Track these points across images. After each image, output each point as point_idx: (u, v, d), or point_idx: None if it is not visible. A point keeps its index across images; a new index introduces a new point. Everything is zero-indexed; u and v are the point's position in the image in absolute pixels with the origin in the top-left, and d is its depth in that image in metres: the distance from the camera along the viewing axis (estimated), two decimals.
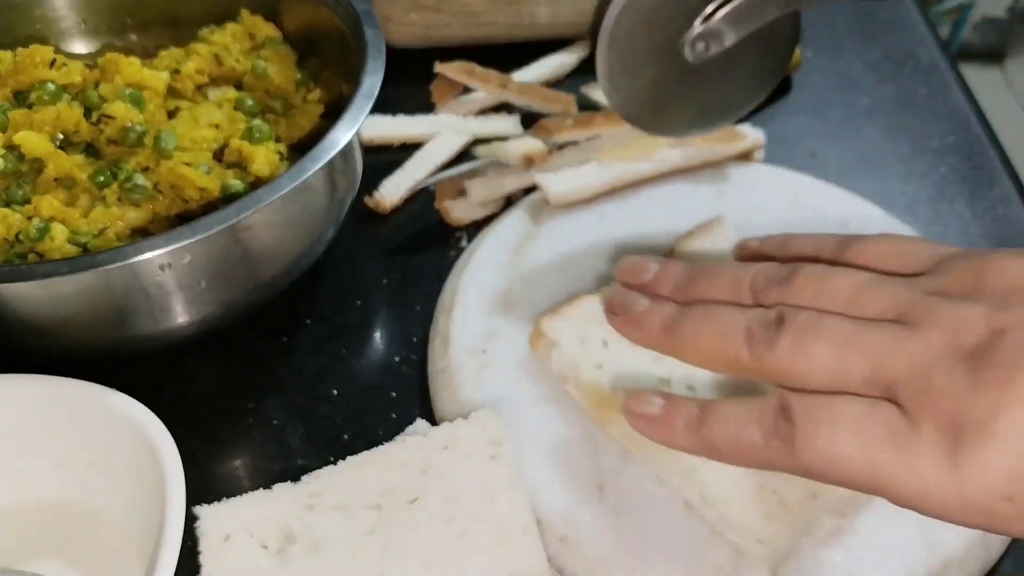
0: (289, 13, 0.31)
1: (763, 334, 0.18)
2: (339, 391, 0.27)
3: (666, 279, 0.21)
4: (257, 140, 0.27)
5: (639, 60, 0.24)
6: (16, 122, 0.27)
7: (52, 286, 0.22)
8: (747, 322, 0.18)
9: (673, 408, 0.19)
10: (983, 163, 0.35)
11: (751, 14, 0.23)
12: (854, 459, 0.15)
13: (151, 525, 0.20)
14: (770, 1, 0.23)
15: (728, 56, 0.24)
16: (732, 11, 0.23)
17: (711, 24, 0.23)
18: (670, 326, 0.20)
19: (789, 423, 0.16)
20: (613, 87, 0.24)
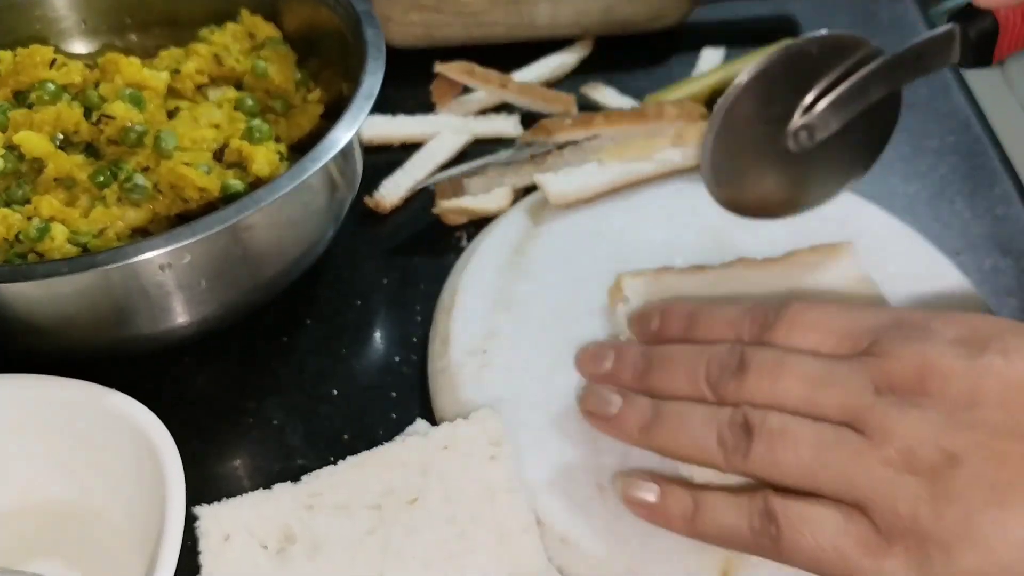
0: (289, 13, 0.31)
1: (734, 442, 0.20)
2: (339, 391, 0.27)
3: (623, 368, 0.23)
4: (257, 140, 0.27)
5: (742, 156, 0.23)
6: (16, 122, 0.27)
7: (52, 286, 0.22)
8: (717, 427, 0.20)
9: (668, 498, 0.21)
10: (983, 163, 0.35)
11: (855, 98, 0.22)
12: (834, 563, 0.18)
13: (151, 525, 0.20)
14: (873, 82, 0.22)
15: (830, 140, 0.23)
16: (836, 99, 0.22)
17: (814, 114, 0.22)
18: (646, 427, 0.21)
19: (775, 525, 0.19)
20: (717, 183, 0.24)
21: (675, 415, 0.21)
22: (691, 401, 0.21)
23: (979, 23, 0.21)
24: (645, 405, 0.22)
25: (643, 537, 0.22)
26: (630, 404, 0.22)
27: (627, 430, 0.22)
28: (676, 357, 0.22)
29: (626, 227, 0.29)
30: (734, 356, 0.21)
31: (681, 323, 0.23)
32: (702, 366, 0.21)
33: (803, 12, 0.41)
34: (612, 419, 0.22)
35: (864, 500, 0.18)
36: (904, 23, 0.41)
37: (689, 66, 0.37)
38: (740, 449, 0.20)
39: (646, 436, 0.21)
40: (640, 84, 0.36)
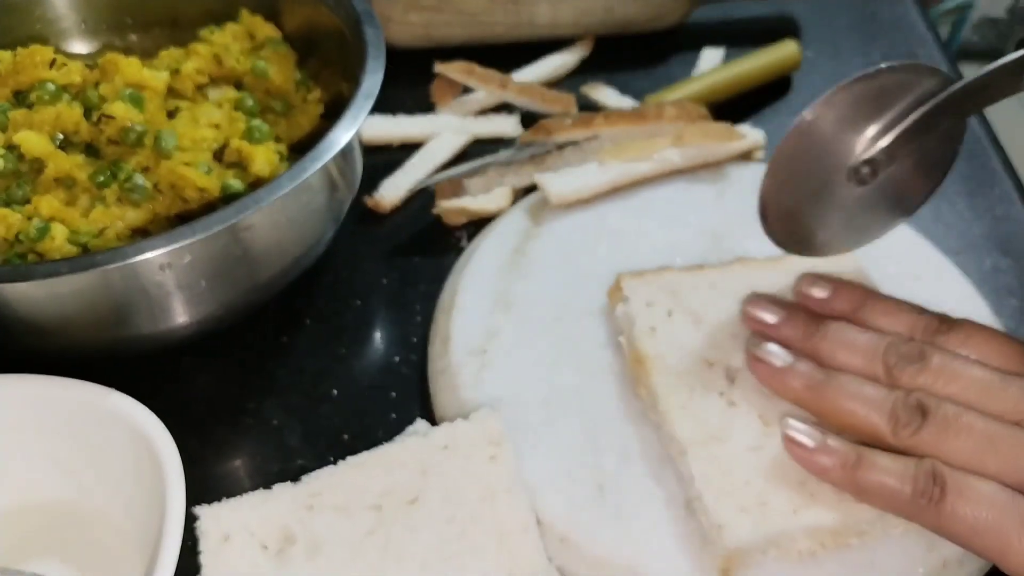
0: (289, 13, 0.31)
1: (907, 419, 0.20)
2: (339, 391, 0.27)
3: (793, 326, 0.23)
4: (257, 140, 0.27)
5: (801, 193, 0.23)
6: (16, 122, 0.27)
7: (52, 286, 0.22)
8: (892, 404, 0.21)
9: (831, 450, 0.21)
10: (984, 163, 0.34)
11: (920, 131, 0.21)
12: (990, 534, 0.19)
13: (151, 525, 0.20)
14: (938, 116, 0.21)
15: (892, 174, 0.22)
16: (902, 132, 0.21)
17: (878, 148, 0.22)
18: (814, 387, 0.22)
19: (940, 490, 0.19)
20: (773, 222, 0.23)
21: (848, 382, 0.21)
22: (860, 377, 0.21)
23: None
24: (813, 367, 0.22)
25: (643, 537, 0.22)
26: (799, 362, 0.22)
27: (792, 385, 0.22)
28: (852, 334, 0.22)
29: (626, 227, 0.29)
30: (914, 348, 0.21)
31: (853, 302, 0.23)
32: (881, 348, 0.21)
33: (803, 12, 0.41)
34: (779, 371, 0.22)
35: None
36: (905, 24, 0.41)
37: (689, 66, 0.37)
38: (912, 425, 0.20)
39: (813, 394, 0.21)
40: (640, 84, 0.36)
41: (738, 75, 0.36)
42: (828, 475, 0.21)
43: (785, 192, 0.23)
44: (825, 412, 0.22)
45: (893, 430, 0.20)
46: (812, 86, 0.38)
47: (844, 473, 0.20)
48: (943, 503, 0.19)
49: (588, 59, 0.38)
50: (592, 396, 0.25)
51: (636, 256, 0.28)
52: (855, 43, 0.40)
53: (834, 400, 0.21)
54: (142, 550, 0.21)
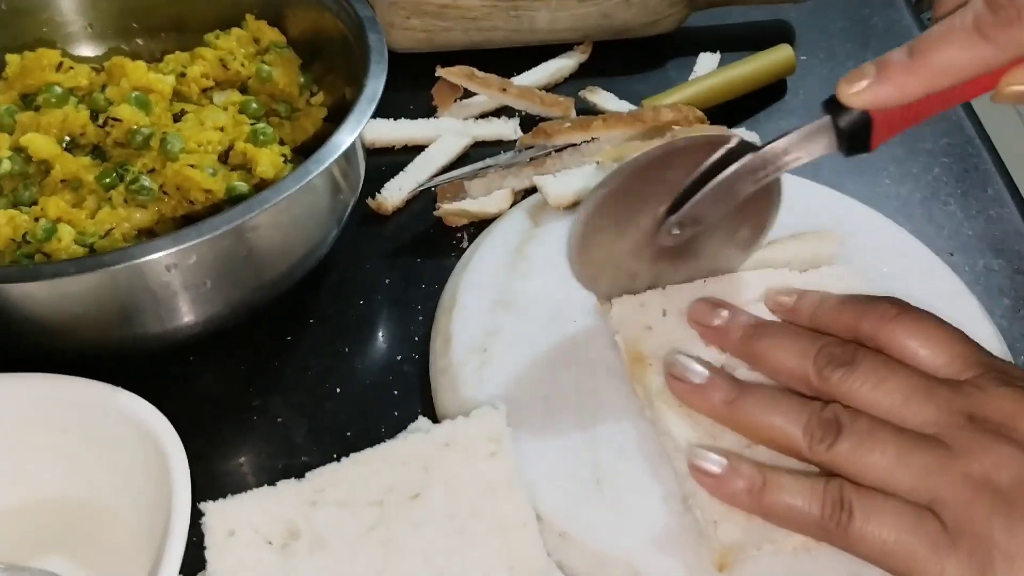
0: (293, 18, 0.31)
1: (822, 434, 0.20)
2: (342, 389, 0.27)
3: (734, 328, 0.23)
4: (262, 143, 0.28)
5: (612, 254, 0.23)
6: (23, 124, 0.27)
7: (59, 286, 0.22)
8: (807, 417, 0.20)
9: (735, 472, 0.21)
10: (976, 164, 0.35)
11: (723, 197, 0.22)
12: (898, 555, 0.19)
13: (157, 521, 0.20)
14: (742, 182, 0.21)
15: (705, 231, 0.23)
16: (702, 197, 0.22)
17: (682, 213, 0.22)
18: (731, 402, 0.21)
19: (847, 512, 0.19)
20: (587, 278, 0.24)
21: (764, 395, 0.21)
22: (778, 389, 0.22)
23: (850, 117, 0.20)
24: (731, 382, 0.22)
25: (641, 532, 0.22)
26: (718, 376, 0.22)
27: (711, 401, 0.22)
28: (790, 333, 0.22)
29: None
30: (847, 352, 0.21)
31: (813, 304, 0.23)
32: (814, 349, 0.21)
33: (797, 18, 0.42)
34: (697, 388, 0.22)
35: (938, 501, 0.19)
36: (898, 29, 0.42)
37: (686, 70, 0.38)
38: (827, 440, 0.20)
39: (730, 409, 0.21)
40: (637, 88, 0.36)
41: (734, 79, 0.36)
42: (736, 500, 0.20)
43: (595, 244, 0.23)
44: (743, 427, 0.21)
45: (809, 445, 0.20)
46: (807, 90, 0.38)
47: (751, 498, 0.20)
48: (851, 526, 0.19)
49: (586, 64, 0.38)
50: (591, 393, 0.25)
51: None
52: (849, 48, 0.41)
53: (751, 414, 0.21)
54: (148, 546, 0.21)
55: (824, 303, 0.23)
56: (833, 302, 0.23)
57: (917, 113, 0.20)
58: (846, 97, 0.20)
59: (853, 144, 0.21)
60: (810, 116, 0.33)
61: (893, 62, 0.20)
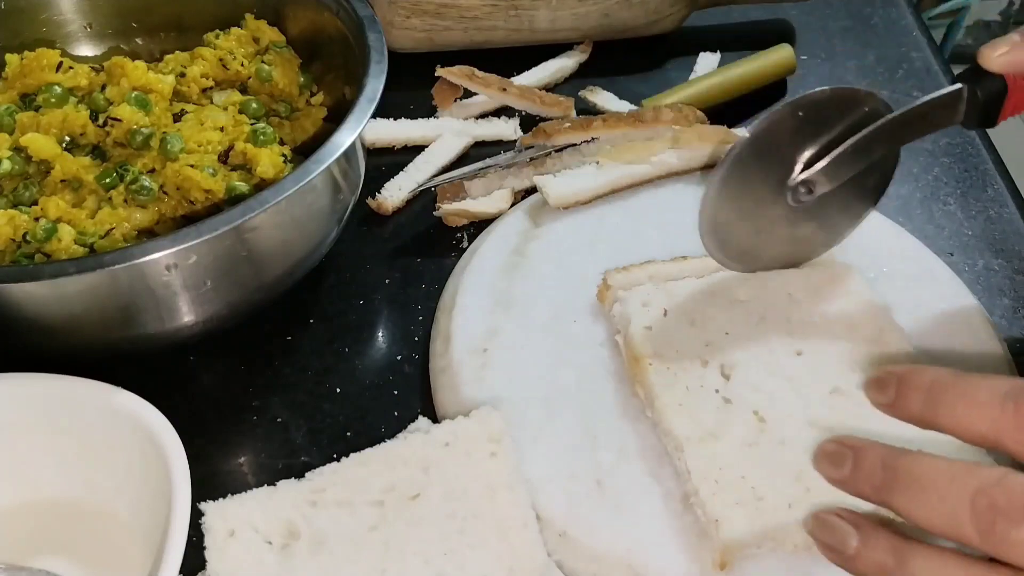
0: (293, 18, 0.31)
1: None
2: (342, 389, 0.27)
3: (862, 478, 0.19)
4: (261, 143, 0.28)
5: (742, 210, 0.23)
6: (23, 124, 0.27)
7: (59, 286, 0.22)
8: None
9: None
10: (976, 165, 0.35)
11: (857, 156, 0.22)
12: None
13: (157, 521, 0.20)
14: (875, 142, 0.21)
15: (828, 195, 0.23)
16: (838, 156, 0.22)
17: (815, 170, 0.22)
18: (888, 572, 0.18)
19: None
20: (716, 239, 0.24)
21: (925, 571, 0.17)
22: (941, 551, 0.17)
23: (988, 85, 0.21)
24: (886, 549, 0.18)
25: (640, 532, 0.22)
26: (868, 545, 0.18)
27: (864, 571, 0.18)
28: (925, 477, 0.17)
29: (624, 228, 0.30)
30: (1008, 493, 0.16)
31: (920, 397, 0.19)
32: (965, 500, 0.17)
33: (798, 17, 0.42)
34: (849, 557, 0.19)
35: None
36: (899, 28, 0.42)
37: (686, 70, 0.38)
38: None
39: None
40: (638, 88, 0.36)
41: (734, 79, 0.36)
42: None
43: (725, 207, 0.23)
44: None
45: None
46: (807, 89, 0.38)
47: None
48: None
49: (586, 63, 0.38)
50: (591, 394, 0.25)
51: (633, 257, 0.28)
52: (849, 47, 0.41)
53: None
54: (148, 546, 0.21)
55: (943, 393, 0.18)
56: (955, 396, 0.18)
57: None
58: (988, 60, 0.20)
59: (984, 115, 0.21)
60: None
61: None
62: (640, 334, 0.24)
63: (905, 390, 0.19)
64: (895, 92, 0.38)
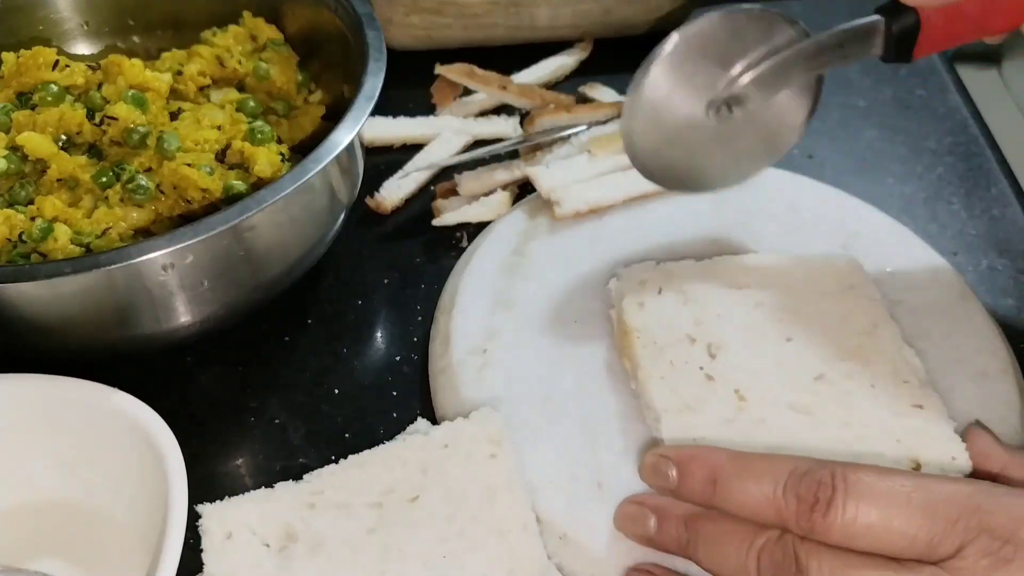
0: (291, 15, 0.31)
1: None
2: (340, 390, 0.27)
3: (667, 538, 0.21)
4: (259, 141, 0.27)
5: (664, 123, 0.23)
6: (19, 123, 0.27)
7: (55, 286, 0.22)
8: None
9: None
10: (980, 164, 0.35)
11: (777, 76, 0.22)
12: None
13: (154, 523, 0.20)
14: (796, 63, 0.22)
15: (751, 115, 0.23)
16: (758, 75, 0.22)
17: (736, 86, 0.22)
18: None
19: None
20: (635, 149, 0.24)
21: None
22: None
23: (902, 19, 0.22)
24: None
25: None
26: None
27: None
28: (722, 539, 0.20)
29: (625, 228, 0.30)
30: (787, 556, 0.18)
31: (703, 486, 0.20)
32: (752, 560, 0.19)
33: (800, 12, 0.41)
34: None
35: None
36: None
37: None
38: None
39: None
40: None
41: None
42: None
43: (649, 125, 0.23)
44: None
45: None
46: None
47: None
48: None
49: (587, 61, 0.38)
50: (591, 395, 0.25)
51: (634, 257, 0.28)
52: None
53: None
54: (145, 548, 0.21)
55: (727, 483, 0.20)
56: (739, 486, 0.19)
57: (960, 30, 0.21)
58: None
59: (899, 50, 0.22)
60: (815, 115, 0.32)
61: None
62: (632, 308, 0.24)
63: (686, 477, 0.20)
64: (898, 91, 0.38)
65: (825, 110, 0.37)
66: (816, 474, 0.19)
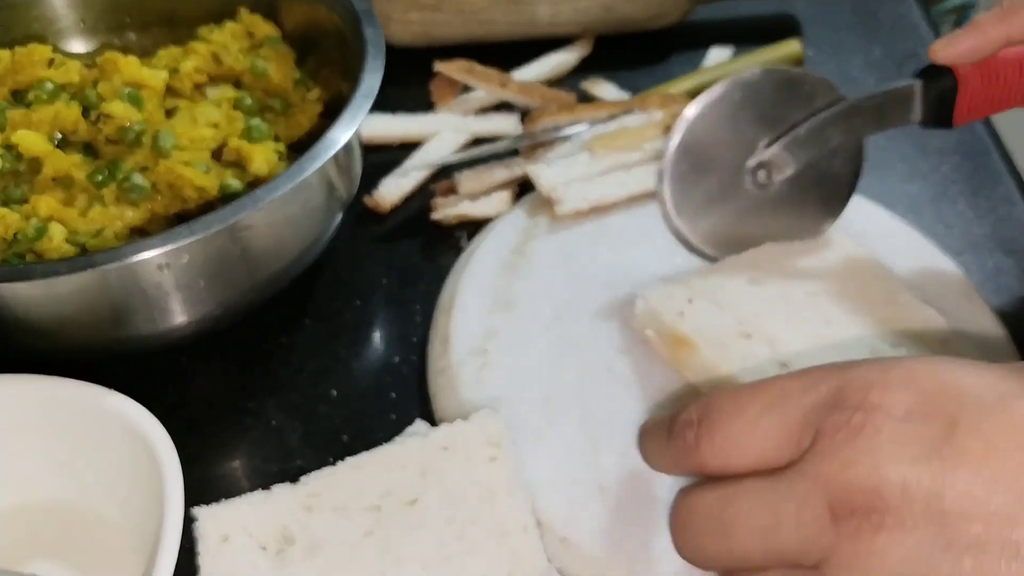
0: (288, 12, 0.31)
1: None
2: (338, 391, 0.27)
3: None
4: (256, 139, 0.27)
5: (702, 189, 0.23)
6: (14, 121, 0.27)
7: (50, 286, 0.22)
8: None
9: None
10: (986, 163, 0.34)
11: (813, 141, 0.22)
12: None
13: (149, 526, 0.20)
14: (832, 129, 0.22)
15: (792, 184, 0.23)
16: (793, 138, 0.22)
17: (771, 151, 0.22)
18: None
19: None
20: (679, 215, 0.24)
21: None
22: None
23: (939, 81, 0.21)
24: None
25: (643, 538, 0.22)
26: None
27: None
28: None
29: (625, 227, 0.29)
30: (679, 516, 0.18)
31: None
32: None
33: (805, 11, 0.41)
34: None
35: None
36: (906, 23, 0.41)
37: (689, 64, 0.37)
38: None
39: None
40: (640, 83, 0.36)
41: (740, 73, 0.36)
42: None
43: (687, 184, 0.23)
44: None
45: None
46: None
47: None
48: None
49: (588, 58, 0.38)
50: (592, 396, 0.25)
51: (635, 256, 0.28)
52: (856, 42, 0.40)
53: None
54: (141, 551, 0.21)
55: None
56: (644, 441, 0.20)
57: (1000, 94, 0.21)
58: (936, 53, 0.20)
59: (939, 114, 0.21)
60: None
61: (983, 19, 0.20)
62: (675, 319, 0.24)
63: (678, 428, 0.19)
64: None
65: None
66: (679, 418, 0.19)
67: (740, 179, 0.23)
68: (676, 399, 0.24)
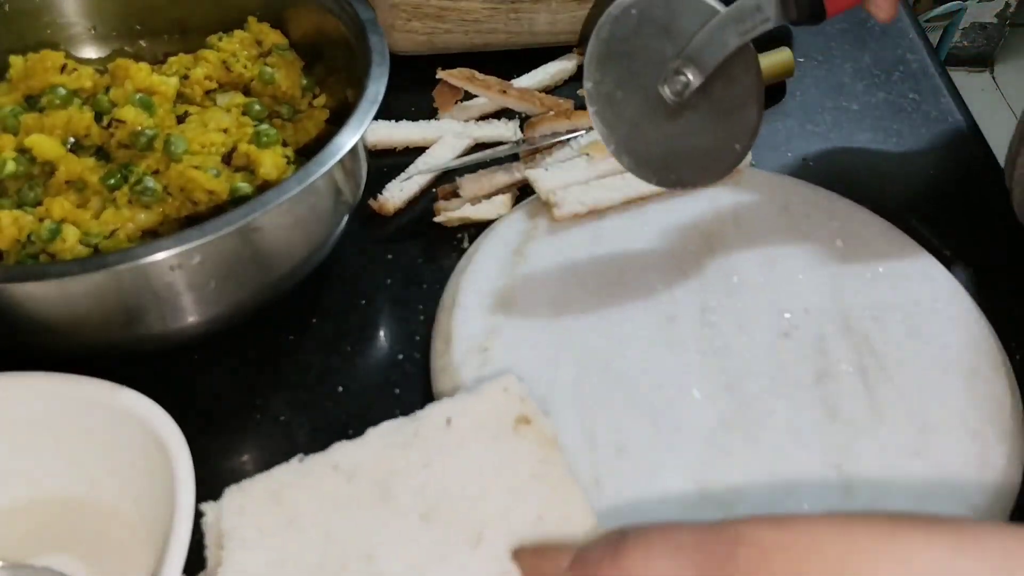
0: (295, 21, 0.32)
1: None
2: (344, 388, 0.27)
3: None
4: (264, 144, 0.28)
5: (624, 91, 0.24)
6: (28, 126, 0.28)
7: (64, 286, 0.22)
8: None
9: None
10: (972, 167, 0.35)
11: (711, 47, 0.23)
12: None
13: (161, 520, 0.20)
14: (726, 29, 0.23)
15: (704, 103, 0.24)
16: (694, 47, 0.23)
17: (677, 63, 0.24)
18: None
19: None
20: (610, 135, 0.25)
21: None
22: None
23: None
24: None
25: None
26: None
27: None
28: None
29: (622, 229, 0.30)
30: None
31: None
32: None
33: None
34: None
35: None
36: (895, 30, 0.42)
37: None
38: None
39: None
40: None
41: None
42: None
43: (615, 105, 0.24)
44: None
45: None
46: (803, 92, 0.38)
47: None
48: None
49: None
50: (590, 394, 0.25)
51: (633, 255, 0.29)
52: (846, 49, 0.41)
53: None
54: (152, 545, 0.21)
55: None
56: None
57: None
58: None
59: (810, 7, 0.23)
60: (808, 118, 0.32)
61: None
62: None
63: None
64: (891, 94, 0.38)
65: (818, 113, 0.37)
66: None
67: (660, 100, 0.24)
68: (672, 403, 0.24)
